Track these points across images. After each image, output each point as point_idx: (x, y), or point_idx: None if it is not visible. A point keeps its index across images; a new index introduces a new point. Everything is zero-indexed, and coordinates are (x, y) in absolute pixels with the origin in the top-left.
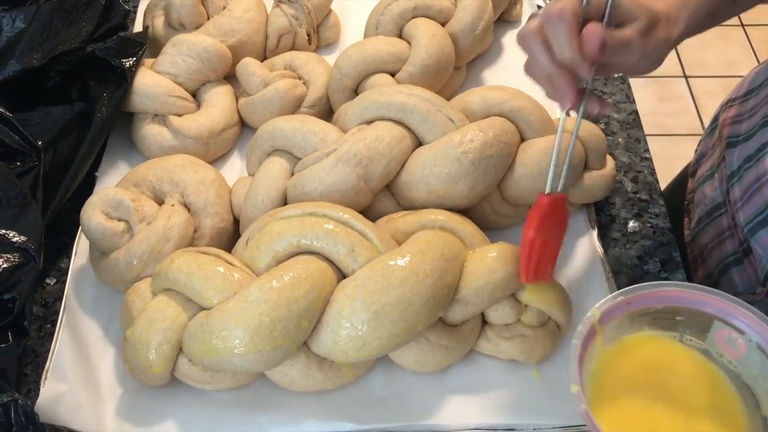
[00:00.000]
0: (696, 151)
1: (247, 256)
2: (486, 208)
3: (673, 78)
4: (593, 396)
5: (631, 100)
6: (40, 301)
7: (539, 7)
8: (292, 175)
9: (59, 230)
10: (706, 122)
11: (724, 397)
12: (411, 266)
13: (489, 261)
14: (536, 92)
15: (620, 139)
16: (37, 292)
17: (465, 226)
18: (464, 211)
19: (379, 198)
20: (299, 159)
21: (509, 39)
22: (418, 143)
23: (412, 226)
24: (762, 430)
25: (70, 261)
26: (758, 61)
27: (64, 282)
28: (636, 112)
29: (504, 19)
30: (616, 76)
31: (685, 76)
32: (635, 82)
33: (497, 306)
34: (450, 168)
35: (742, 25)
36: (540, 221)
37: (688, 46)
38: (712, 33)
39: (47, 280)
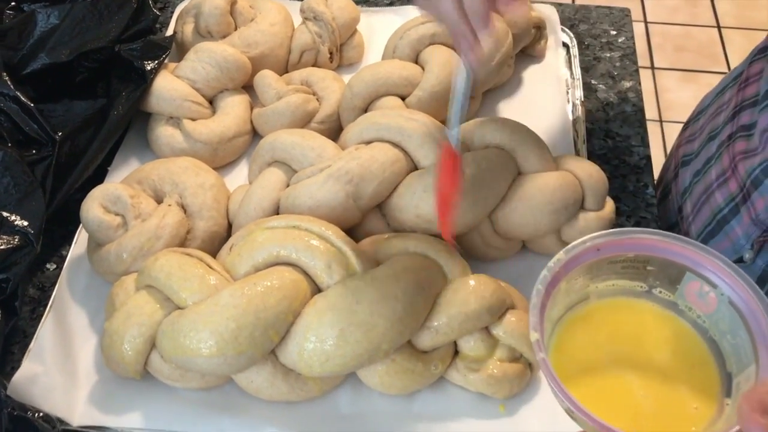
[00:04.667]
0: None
1: (228, 261)
2: (476, 239)
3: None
4: (557, 365)
5: (645, 144)
6: (37, 284)
7: (564, 44)
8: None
9: (66, 219)
10: None
11: (696, 355)
12: (382, 288)
13: (464, 292)
14: (541, 128)
15: (629, 184)
16: (36, 275)
17: (447, 255)
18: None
19: (370, 217)
20: (296, 172)
21: (530, 73)
22: (414, 167)
23: (393, 249)
24: (727, 385)
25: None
26: None
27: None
28: (648, 157)
29: (527, 53)
30: (633, 119)
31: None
32: None
33: (469, 337)
34: None
35: None
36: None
37: None
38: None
39: (47, 265)
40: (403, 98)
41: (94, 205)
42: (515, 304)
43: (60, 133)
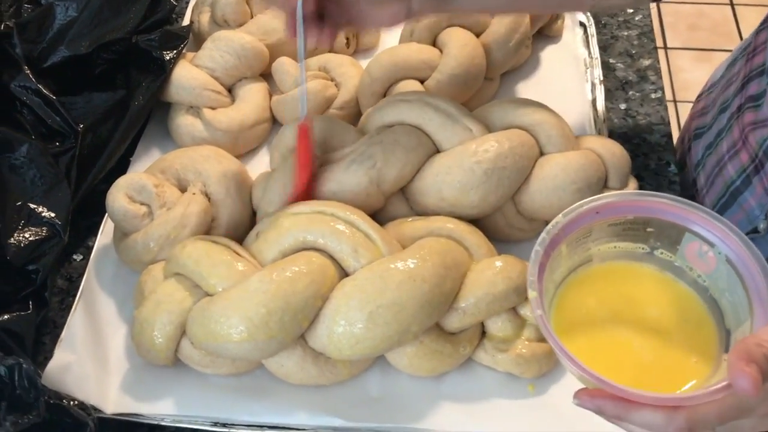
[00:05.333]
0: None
1: (255, 248)
2: (500, 220)
3: None
4: (557, 325)
5: (666, 122)
6: (65, 275)
7: (581, 23)
8: None
9: (91, 209)
10: None
11: (695, 313)
12: (409, 270)
13: (491, 273)
14: (561, 108)
15: (650, 162)
16: (64, 266)
17: (473, 236)
18: (477, 221)
19: (392, 201)
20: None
21: (548, 53)
22: (436, 150)
23: (419, 232)
24: (726, 341)
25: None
26: None
27: (90, 259)
28: (669, 135)
29: (544, 33)
30: (653, 97)
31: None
32: None
33: (497, 318)
34: (462, 177)
35: None
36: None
37: None
38: None
39: (74, 256)
40: (421, 81)
41: (119, 195)
42: None
43: (81, 125)
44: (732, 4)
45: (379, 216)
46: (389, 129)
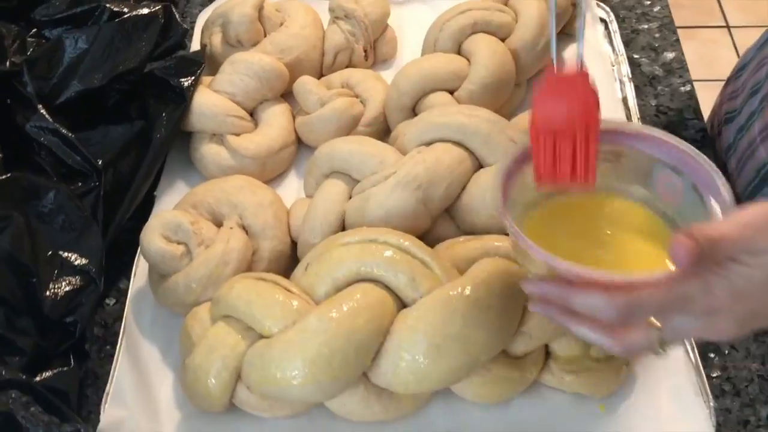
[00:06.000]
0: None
1: (305, 282)
2: None
3: None
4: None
5: (699, 116)
6: (99, 322)
7: (601, 19)
8: (350, 197)
9: (119, 250)
10: None
11: (660, 233)
12: (474, 297)
13: None
14: (609, 114)
15: None
16: (97, 312)
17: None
18: None
19: (438, 221)
20: (357, 181)
21: (571, 52)
22: (479, 165)
23: (473, 253)
24: None
25: (128, 281)
26: None
27: (123, 303)
28: (704, 130)
29: (565, 32)
30: (682, 90)
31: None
32: None
33: (561, 338)
34: None
35: None
36: (541, 104)
37: None
38: None
39: (106, 300)
40: (451, 92)
41: (154, 237)
42: None
43: (100, 161)
44: None
45: (425, 238)
46: (429, 147)
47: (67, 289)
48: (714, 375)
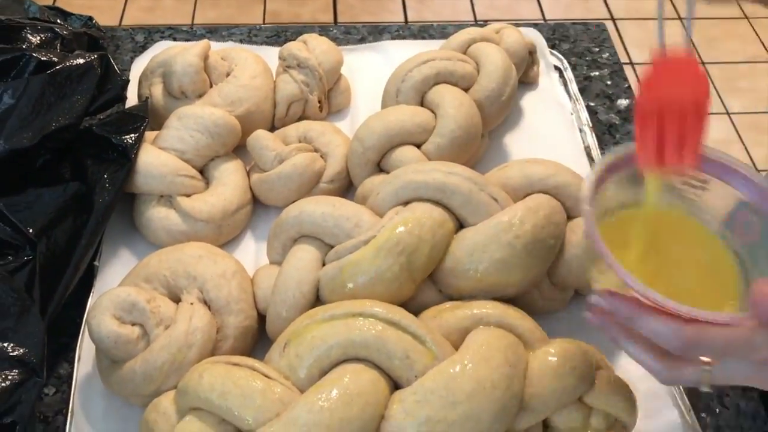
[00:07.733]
0: None
1: (284, 364)
2: (535, 295)
3: None
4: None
5: None
6: (39, 415)
7: (556, 67)
8: (324, 264)
9: (56, 329)
10: None
11: (729, 274)
12: (476, 376)
13: (554, 364)
14: (556, 159)
15: None
16: (35, 405)
17: (524, 321)
18: (512, 299)
19: (421, 288)
20: (330, 246)
21: (528, 101)
22: (459, 225)
23: (464, 322)
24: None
25: (69, 366)
26: None
27: (65, 392)
28: None
29: (522, 80)
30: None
31: None
32: None
33: (563, 410)
34: (502, 254)
35: None
36: (651, 85)
37: None
38: None
39: (45, 390)
40: (418, 146)
41: (105, 318)
42: (598, 362)
43: (31, 230)
44: (613, 19)
45: (408, 306)
46: (407, 207)
47: (4, 384)
48: None
